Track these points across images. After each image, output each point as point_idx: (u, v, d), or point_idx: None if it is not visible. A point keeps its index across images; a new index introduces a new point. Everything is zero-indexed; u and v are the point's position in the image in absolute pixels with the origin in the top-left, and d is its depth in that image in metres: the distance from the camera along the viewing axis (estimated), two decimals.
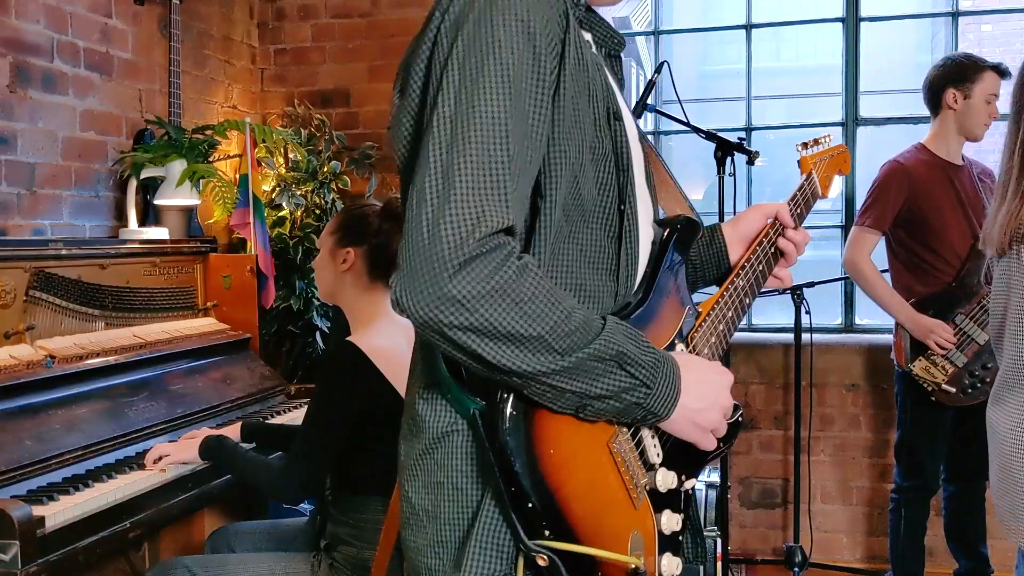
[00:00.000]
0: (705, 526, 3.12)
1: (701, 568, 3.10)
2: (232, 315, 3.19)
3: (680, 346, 1.25)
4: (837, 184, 4.20)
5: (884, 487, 3.79)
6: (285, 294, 3.80)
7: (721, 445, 1.24)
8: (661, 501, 1.17)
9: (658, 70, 3.20)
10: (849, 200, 4.00)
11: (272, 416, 2.91)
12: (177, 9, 3.50)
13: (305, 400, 3.07)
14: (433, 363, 1.14)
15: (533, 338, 0.99)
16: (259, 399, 3.03)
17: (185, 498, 2.38)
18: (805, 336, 3.63)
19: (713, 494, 3.17)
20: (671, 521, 1.17)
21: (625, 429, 1.14)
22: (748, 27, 4.17)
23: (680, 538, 1.20)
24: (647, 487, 1.16)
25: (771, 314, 4.16)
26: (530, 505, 1.02)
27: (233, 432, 2.57)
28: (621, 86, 1.35)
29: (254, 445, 2.55)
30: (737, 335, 3.98)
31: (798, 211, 1.52)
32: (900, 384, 3.21)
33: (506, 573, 1.09)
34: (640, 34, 10.30)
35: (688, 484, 1.22)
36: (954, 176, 3.13)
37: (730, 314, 1.34)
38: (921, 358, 3.07)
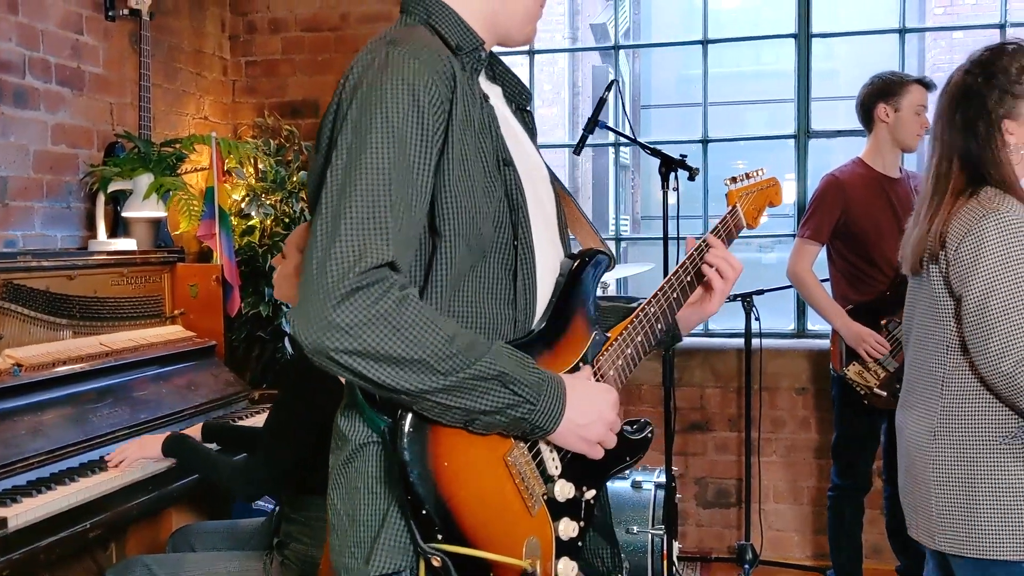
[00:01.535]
0: (653, 525, 3.24)
1: (649, 569, 3.25)
2: (198, 323, 3.31)
3: (584, 368, 1.39)
4: (792, 194, 4.34)
5: None
6: (254, 301, 3.91)
7: (627, 459, 1.40)
8: (559, 510, 1.31)
9: (608, 88, 3.31)
10: (801, 210, 4.13)
11: (235, 421, 3.03)
12: (147, 25, 3.61)
13: (268, 405, 3.19)
14: (350, 385, 1.28)
15: (415, 360, 1.13)
16: (223, 404, 3.15)
17: (145, 500, 2.50)
18: (756, 341, 3.78)
19: (661, 494, 3.30)
20: (568, 528, 1.31)
21: (523, 443, 1.29)
22: (704, 42, 4.31)
23: (579, 543, 1.34)
24: (544, 496, 1.29)
25: (726, 320, 4.29)
26: (424, 512, 1.16)
27: (194, 432, 2.70)
28: (532, 134, 1.50)
29: (215, 446, 2.68)
30: (693, 340, 4.14)
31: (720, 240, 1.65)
32: (836, 388, 3.36)
33: (410, 567, 1.22)
34: (598, 49, 10.46)
35: (588, 495, 1.36)
36: (890, 188, 3.27)
37: (639, 339, 1.47)
38: (855, 363, 3.22)
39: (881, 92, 3.26)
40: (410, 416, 1.18)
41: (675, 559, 3.30)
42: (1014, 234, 1.85)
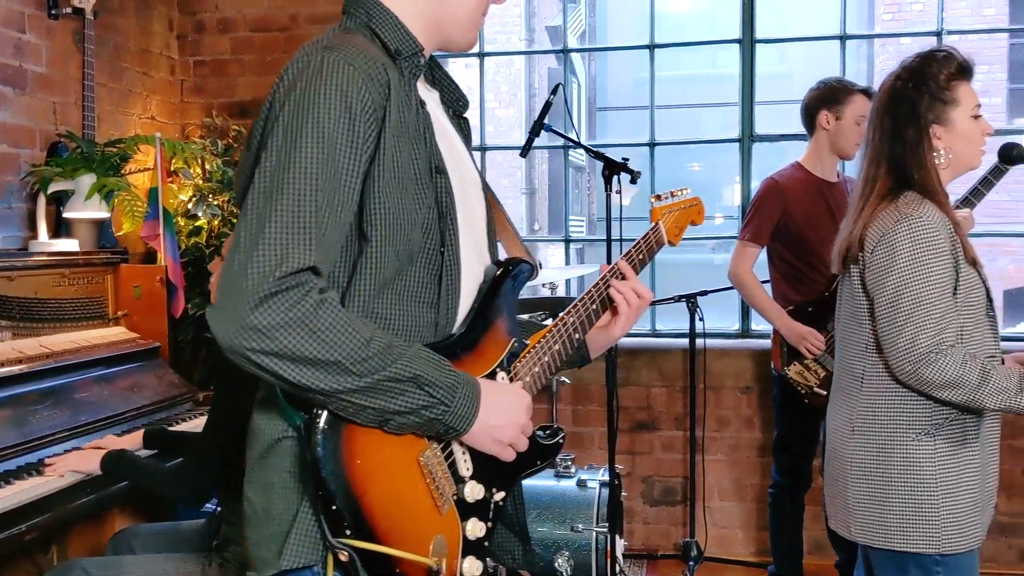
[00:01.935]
0: (597, 523, 3.29)
1: (593, 566, 3.29)
2: (142, 324, 3.29)
3: (501, 374, 1.43)
4: (737, 197, 4.39)
5: None
6: (201, 302, 3.90)
7: (538, 462, 1.43)
8: (468, 510, 1.35)
9: (554, 92, 3.35)
10: (745, 213, 4.21)
11: (178, 423, 3.02)
12: (91, 24, 3.58)
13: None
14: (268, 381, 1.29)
15: (330, 362, 1.16)
16: (166, 406, 3.14)
17: (85, 503, 2.49)
18: (701, 341, 3.84)
19: (606, 492, 3.34)
20: (476, 528, 1.35)
21: (436, 444, 1.32)
22: (651, 47, 4.37)
23: (486, 543, 1.38)
24: (455, 496, 1.33)
25: (671, 320, 4.36)
26: (334, 507, 1.19)
27: (136, 439, 2.69)
28: (468, 140, 1.53)
29: (155, 452, 2.67)
30: (639, 341, 4.19)
31: (640, 256, 1.70)
32: (777, 387, 3.44)
33: (321, 562, 1.25)
34: (548, 52, 10.45)
35: (498, 496, 1.40)
36: (828, 192, 3.35)
37: (556, 347, 1.51)
38: (796, 363, 3.29)
39: (825, 99, 3.32)
40: (325, 413, 1.21)
41: (619, 556, 3.35)
42: (925, 239, 1.92)
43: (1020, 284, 9.65)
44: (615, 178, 3.16)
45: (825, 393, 3.25)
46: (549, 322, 1.59)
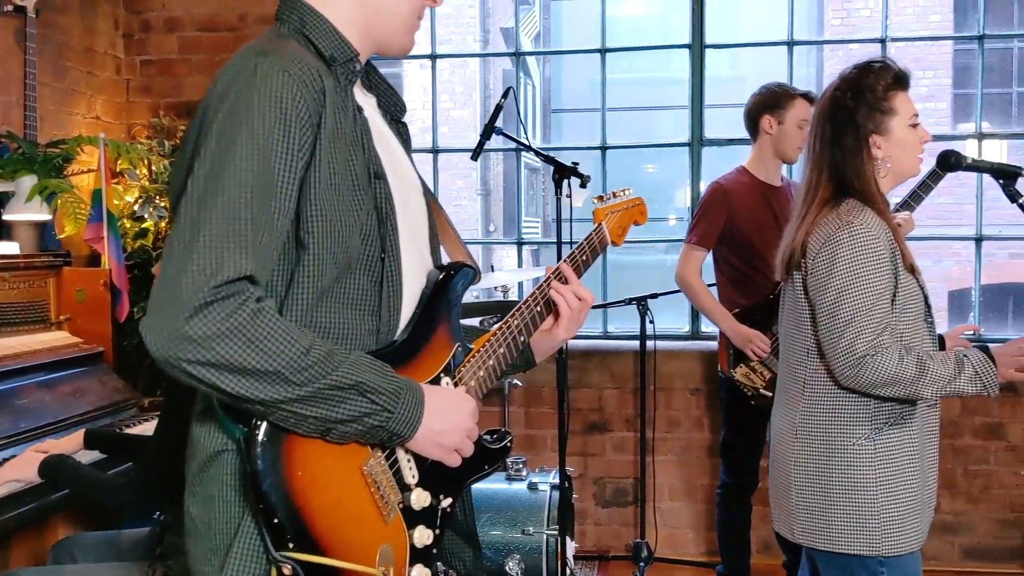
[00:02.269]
0: (548, 526, 3.30)
1: (544, 568, 3.30)
2: (85, 329, 3.23)
3: (445, 379, 1.42)
4: (687, 200, 4.42)
5: None
6: (147, 306, 3.83)
7: (486, 467, 1.43)
8: (414, 518, 1.34)
9: (505, 95, 3.36)
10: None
11: (122, 429, 2.96)
12: (33, 22, 3.51)
13: (158, 413, 3.13)
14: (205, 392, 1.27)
15: (269, 372, 1.15)
16: (110, 412, 3.08)
17: (24, 511, 2.43)
18: (652, 343, 3.87)
19: (557, 495, 3.35)
20: (423, 536, 1.34)
21: (380, 453, 1.31)
22: (603, 51, 4.39)
23: (434, 551, 1.37)
24: (400, 505, 1.32)
25: (622, 322, 4.38)
26: (276, 520, 1.18)
27: (76, 439, 2.63)
28: (407, 145, 1.52)
29: (101, 457, 2.62)
30: (591, 343, 4.21)
31: (584, 257, 1.71)
32: (724, 389, 3.48)
33: (264, 574, 1.24)
34: (500, 55, 10.43)
35: (445, 503, 1.39)
36: (772, 196, 3.40)
37: (501, 351, 1.51)
38: (742, 365, 3.33)
39: (767, 104, 3.37)
40: (265, 425, 1.20)
41: (570, 559, 3.36)
42: (865, 247, 1.96)
43: (964, 285, 9.87)
44: (565, 182, 3.17)
45: (771, 395, 3.29)
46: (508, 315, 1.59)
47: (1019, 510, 3.95)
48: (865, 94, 2.07)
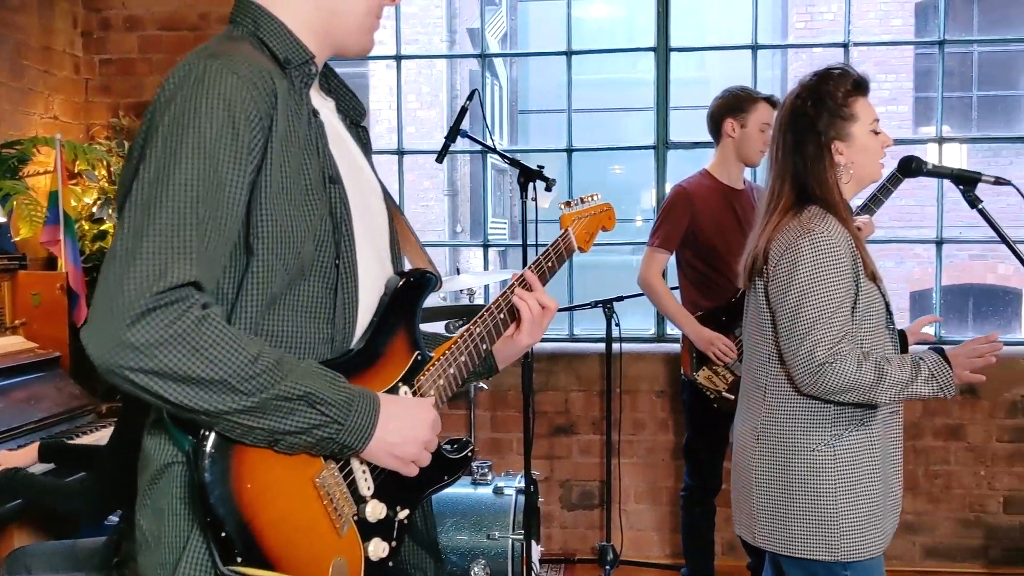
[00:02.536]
0: (514, 530, 3.29)
1: (510, 573, 3.29)
2: (42, 333, 3.17)
3: (404, 388, 1.39)
4: (652, 202, 4.43)
5: None
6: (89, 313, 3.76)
7: (445, 477, 1.41)
8: (369, 530, 1.31)
9: (470, 98, 3.34)
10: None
11: (79, 435, 2.91)
12: None
13: (116, 419, 3.08)
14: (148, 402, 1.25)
15: (215, 381, 1.12)
16: (67, 419, 3.03)
17: None
18: (617, 346, 3.87)
19: (523, 499, 3.34)
20: (379, 548, 1.32)
21: (333, 464, 1.28)
22: (568, 53, 4.39)
23: (389, 563, 1.34)
24: (354, 517, 1.30)
25: (589, 323, 4.38)
26: (224, 534, 1.15)
27: (31, 452, 2.58)
28: (367, 149, 1.49)
29: (52, 466, 2.57)
30: (557, 345, 4.20)
31: (549, 264, 1.68)
32: (687, 392, 3.48)
33: None
34: (466, 56, 10.44)
35: (402, 514, 1.37)
36: (734, 200, 3.41)
37: (463, 359, 1.48)
38: (704, 368, 3.34)
39: (730, 107, 3.38)
40: (213, 436, 1.17)
41: (536, 563, 3.35)
42: (826, 254, 1.97)
43: (925, 287, 10.00)
44: (531, 185, 3.16)
45: (733, 397, 3.31)
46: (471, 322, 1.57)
47: (979, 510, 4.00)
48: (825, 101, 2.08)
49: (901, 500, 2.15)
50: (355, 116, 1.50)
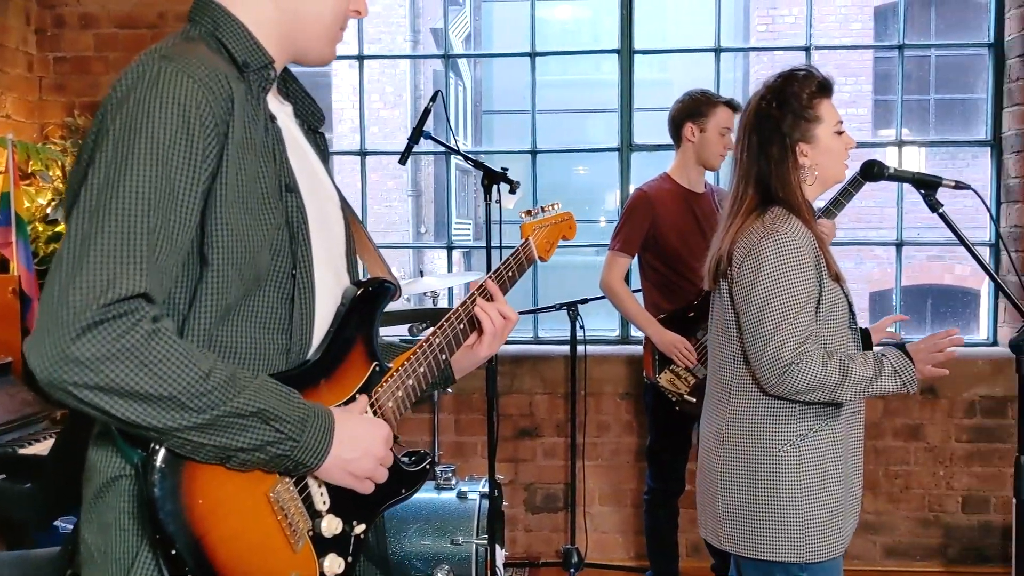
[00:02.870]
0: (478, 535, 3.26)
1: (473, 575, 3.26)
2: None
3: (361, 399, 1.36)
4: (617, 202, 4.43)
5: None
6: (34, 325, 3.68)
7: (403, 491, 1.38)
8: (325, 545, 1.28)
9: (433, 99, 3.31)
10: None
11: (31, 443, 2.84)
12: None
13: None
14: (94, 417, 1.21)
15: (164, 397, 1.08)
16: (19, 426, 2.94)
17: None
18: (582, 348, 3.86)
19: (487, 504, 3.32)
20: (334, 564, 1.29)
21: (288, 479, 1.25)
22: (532, 55, 4.37)
23: None
24: (310, 532, 1.26)
25: (554, 324, 4.37)
26: (174, 551, 1.12)
27: None
28: (325, 156, 1.46)
29: (3, 477, 2.50)
30: (522, 348, 4.18)
31: (509, 274, 1.66)
32: (649, 394, 3.49)
33: None
34: (429, 56, 10.41)
35: (358, 529, 1.34)
36: (694, 203, 3.42)
37: (422, 369, 1.46)
38: (667, 370, 3.34)
39: (690, 111, 3.38)
40: (163, 450, 1.13)
41: (500, 567, 3.33)
42: (790, 256, 1.97)
43: (885, 287, 10.13)
44: (495, 187, 3.14)
45: (695, 400, 3.32)
46: (430, 331, 1.54)
47: (937, 509, 4.05)
48: (790, 102, 2.08)
49: (861, 500, 2.16)
50: (313, 122, 1.46)
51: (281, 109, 1.38)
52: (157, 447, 1.13)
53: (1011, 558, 3.81)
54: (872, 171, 2.28)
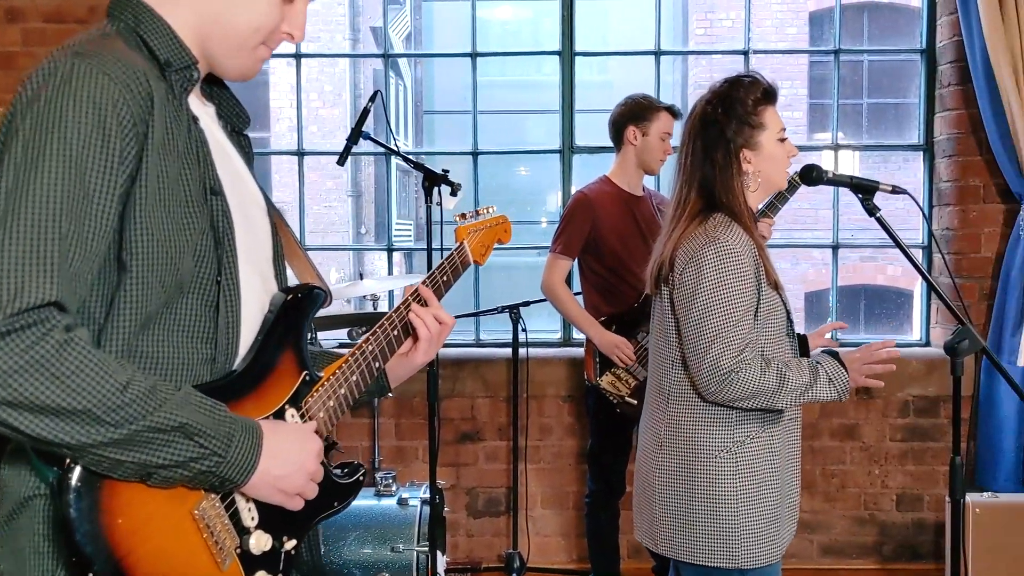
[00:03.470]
0: (419, 542, 3.23)
1: None
2: None
3: (291, 411, 1.31)
4: (558, 203, 4.42)
5: None
6: None
7: (335, 504, 1.34)
8: (254, 563, 1.24)
9: (372, 99, 3.26)
10: None
11: None
12: None
13: None
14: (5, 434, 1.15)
15: (78, 411, 1.03)
16: None
17: None
18: (524, 350, 3.85)
19: (427, 510, 3.28)
20: None
21: (214, 495, 1.20)
22: (473, 55, 4.34)
23: None
24: (237, 550, 1.21)
25: (495, 325, 4.35)
26: (91, 574, 1.06)
27: None
28: (249, 159, 1.41)
29: None
30: (463, 351, 4.15)
31: (444, 278, 1.63)
32: (590, 397, 3.49)
33: None
34: (370, 56, 10.30)
35: (288, 545, 1.29)
36: (634, 206, 3.43)
37: (354, 378, 1.41)
38: (608, 373, 3.35)
39: (632, 115, 3.40)
40: (79, 468, 1.07)
41: (441, 574, 3.30)
42: (730, 263, 1.98)
43: (819, 287, 10.32)
44: (436, 189, 3.11)
45: (636, 402, 3.33)
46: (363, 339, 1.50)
47: (872, 508, 4.12)
48: (735, 108, 2.09)
49: (799, 507, 2.18)
50: (237, 123, 1.40)
51: (204, 110, 1.33)
52: (73, 465, 1.07)
53: (943, 555, 3.91)
54: (811, 175, 2.30)
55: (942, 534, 4.03)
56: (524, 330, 3.80)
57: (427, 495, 3.32)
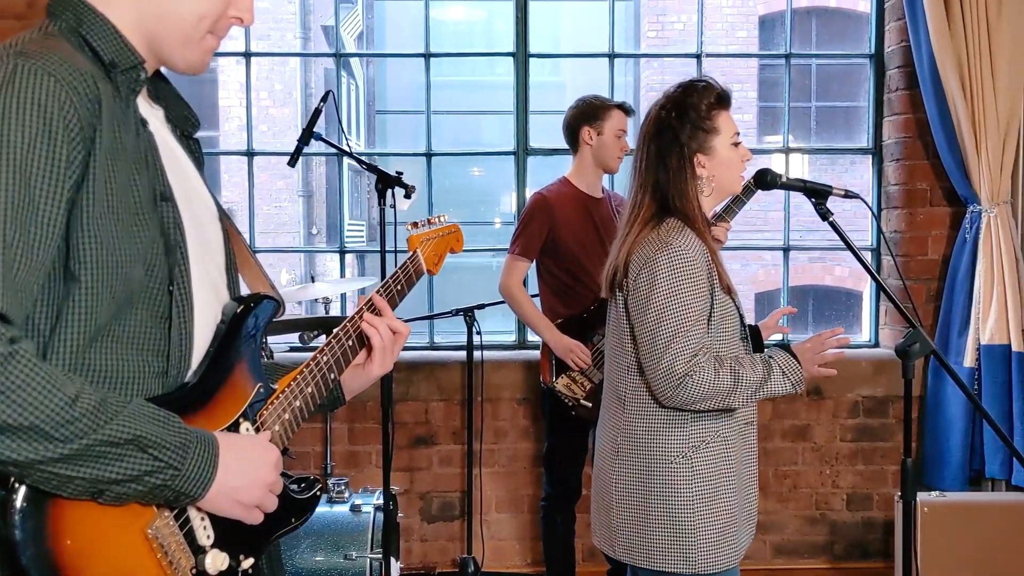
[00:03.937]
0: (372, 549, 3.18)
1: None
2: None
3: (245, 424, 1.28)
4: (512, 205, 4.40)
5: None
6: None
7: (292, 520, 1.30)
8: None
9: (324, 99, 3.21)
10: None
11: None
12: None
13: None
14: None
15: (24, 427, 0.98)
16: None
17: None
18: (478, 353, 3.82)
19: (381, 517, 3.24)
20: None
21: (168, 512, 1.15)
22: (427, 56, 4.30)
23: None
24: (193, 570, 1.17)
25: (450, 327, 4.31)
26: None
27: None
28: (200, 163, 1.36)
29: None
30: (418, 354, 4.10)
31: (398, 287, 1.60)
32: (546, 400, 3.49)
33: None
34: (319, 55, 10.21)
35: (246, 563, 1.25)
36: (593, 208, 3.43)
37: (309, 390, 1.37)
38: (563, 375, 3.34)
39: (585, 115, 3.40)
40: (24, 487, 1.03)
41: None
42: (683, 269, 1.98)
43: (769, 288, 10.45)
44: (389, 191, 3.07)
45: (591, 405, 3.33)
46: (323, 340, 1.46)
47: (824, 508, 4.17)
48: (689, 113, 2.09)
49: (756, 511, 2.18)
50: (186, 127, 1.35)
51: (152, 113, 1.28)
52: (17, 484, 1.02)
53: (892, 553, 3.96)
54: (765, 179, 2.31)
55: (891, 532, 4.09)
56: (479, 333, 3.78)
57: (380, 501, 3.28)
